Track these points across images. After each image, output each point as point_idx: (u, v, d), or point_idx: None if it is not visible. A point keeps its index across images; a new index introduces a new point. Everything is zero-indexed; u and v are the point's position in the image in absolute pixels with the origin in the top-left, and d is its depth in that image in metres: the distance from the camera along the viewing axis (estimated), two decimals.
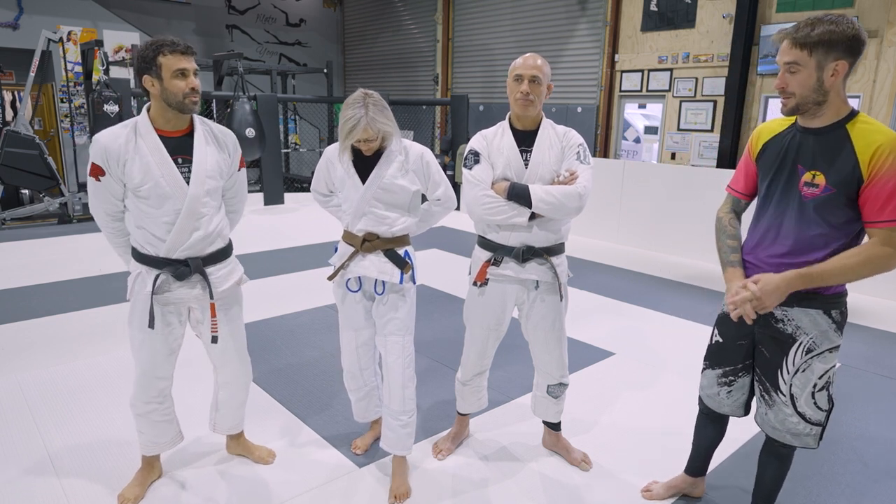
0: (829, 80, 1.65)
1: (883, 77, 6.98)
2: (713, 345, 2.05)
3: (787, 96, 1.71)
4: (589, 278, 5.48)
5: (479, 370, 2.62)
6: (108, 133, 2.09)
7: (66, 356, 3.59)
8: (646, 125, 9.44)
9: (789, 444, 1.92)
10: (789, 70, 1.68)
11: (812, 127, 1.74)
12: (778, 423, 1.89)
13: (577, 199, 2.25)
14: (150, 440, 2.35)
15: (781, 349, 1.83)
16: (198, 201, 2.14)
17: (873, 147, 1.62)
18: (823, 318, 1.78)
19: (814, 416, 1.84)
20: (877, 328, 4.42)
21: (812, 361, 1.80)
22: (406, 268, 2.32)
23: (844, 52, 1.62)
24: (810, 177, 1.72)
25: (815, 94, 1.67)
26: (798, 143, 1.76)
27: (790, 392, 1.84)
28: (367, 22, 13.99)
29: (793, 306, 1.78)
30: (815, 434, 1.87)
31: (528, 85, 2.25)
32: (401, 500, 2.35)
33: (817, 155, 1.71)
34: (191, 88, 2.08)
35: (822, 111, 1.70)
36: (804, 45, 1.64)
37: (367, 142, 2.20)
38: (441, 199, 2.41)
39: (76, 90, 9.76)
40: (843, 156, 1.67)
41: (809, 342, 1.79)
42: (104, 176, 2.09)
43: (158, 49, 2.04)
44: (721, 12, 8.14)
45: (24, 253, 5.97)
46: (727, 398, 2.03)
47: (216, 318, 2.26)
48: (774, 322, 1.83)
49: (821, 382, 1.81)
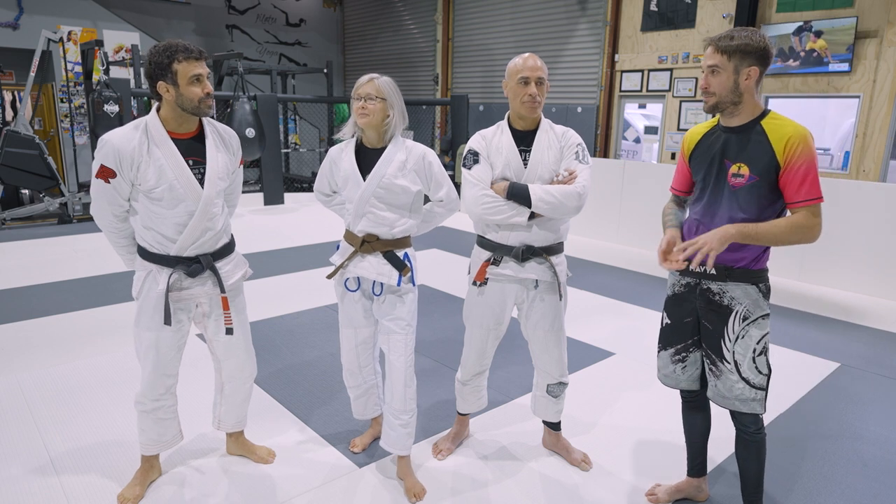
0: (743, 83, 1.92)
1: (883, 77, 6.98)
2: (664, 327, 2.25)
3: (708, 95, 1.97)
4: (589, 278, 5.48)
5: (479, 370, 2.62)
6: (119, 135, 2.08)
7: (66, 356, 3.59)
8: (646, 125, 9.44)
9: (739, 411, 2.07)
10: (712, 72, 1.94)
11: (732, 125, 2.00)
12: (726, 390, 2.07)
13: (576, 199, 2.26)
14: (151, 439, 2.36)
15: (721, 320, 2.05)
16: (211, 202, 2.18)
17: (785, 138, 1.89)
18: (752, 288, 2.02)
19: (756, 380, 2.04)
20: (877, 328, 4.42)
21: (749, 328, 2.02)
22: (404, 270, 2.32)
23: (757, 61, 1.90)
24: (736, 168, 1.98)
25: (731, 95, 1.94)
26: (723, 141, 2.02)
27: (734, 359, 2.04)
28: (367, 22, 13.99)
29: (727, 281, 2.03)
30: (759, 398, 2.05)
31: (535, 87, 2.27)
32: (420, 498, 2.36)
33: (739, 149, 1.97)
34: (206, 93, 2.10)
35: (739, 111, 1.97)
36: (724, 51, 1.91)
37: (368, 99, 2.22)
38: (444, 200, 2.42)
39: (76, 90, 9.77)
40: (760, 148, 1.93)
41: (744, 310, 2.02)
42: (115, 178, 2.08)
43: (173, 55, 2.05)
44: (721, 12, 8.14)
45: (24, 253, 5.97)
46: (682, 374, 2.22)
47: (229, 310, 2.30)
48: (712, 296, 2.07)
49: (759, 347, 2.03)
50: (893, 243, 5.07)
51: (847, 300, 5.07)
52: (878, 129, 7.11)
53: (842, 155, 7.49)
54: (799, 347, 3.98)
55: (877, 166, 7.17)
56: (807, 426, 3.00)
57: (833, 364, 3.74)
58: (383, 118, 2.26)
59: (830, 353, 3.91)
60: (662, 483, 2.47)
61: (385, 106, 2.24)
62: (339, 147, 2.40)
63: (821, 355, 3.87)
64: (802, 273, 5.56)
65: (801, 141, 1.88)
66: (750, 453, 2.12)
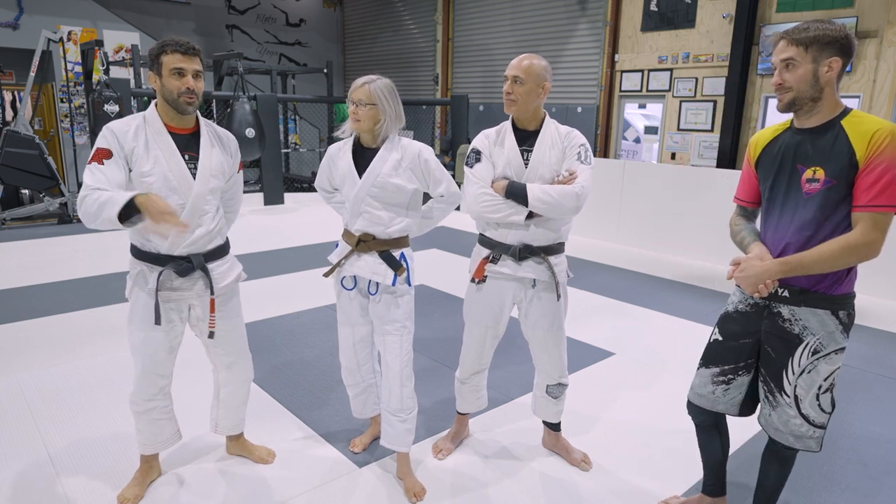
0: (824, 76, 1.70)
1: (883, 77, 6.98)
2: (711, 343, 2.05)
3: (784, 91, 1.75)
4: (589, 278, 5.48)
5: (478, 369, 2.62)
6: (118, 122, 2.12)
7: (66, 356, 3.59)
8: (646, 125, 9.44)
9: (792, 447, 1.90)
10: (786, 66, 1.73)
11: (808, 127, 1.77)
12: (781, 424, 1.88)
13: (574, 199, 2.25)
14: (148, 439, 2.35)
15: (787, 349, 1.83)
16: (202, 198, 2.17)
17: (869, 133, 1.65)
18: (831, 318, 1.78)
19: (817, 419, 1.84)
20: (877, 328, 4.42)
21: (818, 363, 1.80)
22: (400, 270, 2.32)
23: (838, 51, 1.68)
24: (811, 173, 1.74)
25: (811, 90, 1.71)
26: (796, 144, 1.79)
27: (794, 393, 1.83)
28: (367, 22, 13.99)
29: (801, 306, 1.79)
30: (817, 437, 1.86)
31: (509, 85, 2.29)
32: (420, 498, 2.36)
33: (815, 152, 1.74)
34: (186, 88, 2.09)
35: (818, 109, 1.74)
36: (800, 43, 1.69)
37: (360, 105, 2.22)
38: (444, 196, 2.41)
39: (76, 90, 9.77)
40: (838, 147, 1.70)
41: (816, 343, 1.79)
42: (109, 159, 2.05)
43: (163, 47, 2.10)
44: (721, 12, 8.14)
45: (24, 253, 5.97)
46: (723, 395, 2.01)
47: (214, 314, 2.28)
48: (782, 321, 1.83)
49: (825, 384, 1.81)
50: (894, 243, 5.06)
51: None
52: None
53: None
54: None
55: None
56: None
57: None
58: (374, 123, 2.26)
59: None
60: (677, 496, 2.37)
61: (376, 112, 2.23)
62: (337, 145, 2.40)
63: None
64: None
65: (888, 137, 1.63)
66: (779, 466, 1.99)
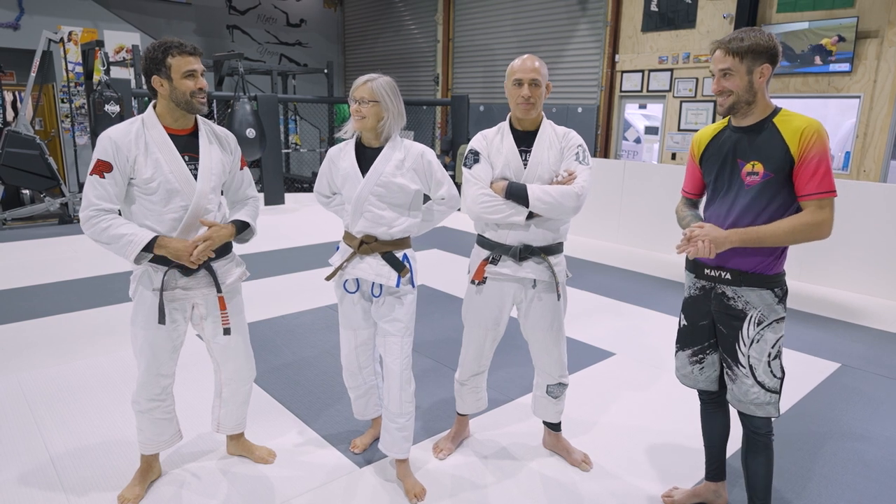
0: (757, 82, 1.93)
1: (883, 77, 6.98)
2: (681, 328, 2.26)
3: (726, 96, 1.96)
4: (589, 278, 5.48)
5: (477, 370, 2.62)
6: (115, 129, 2.10)
7: (66, 356, 3.60)
8: (646, 125, 9.44)
9: (755, 415, 2.06)
10: (724, 75, 1.94)
11: (744, 125, 2.00)
12: (742, 394, 2.07)
13: (574, 199, 2.26)
14: (149, 438, 2.36)
15: (735, 324, 2.05)
16: (205, 197, 2.19)
17: (798, 131, 1.89)
18: (768, 293, 2.01)
19: (771, 384, 2.04)
20: (877, 328, 4.42)
21: (764, 332, 2.01)
22: (403, 271, 2.32)
23: (768, 59, 1.91)
24: (750, 167, 1.97)
25: (747, 94, 1.94)
26: (735, 141, 2.02)
27: (749, 363, 2.04)
28: (367, 22, 13.99)
29: (741, 286, 2.02)
30: (774, 402, 2.05)
31: (528, 89, 2.27)
32: (420, 498, 2.36)
33: (753, 147, 1.97)
34: (199, 88, 2.12)
35: (752, 110, 1.97)
36: (736, 53, 1.91)
37: (362, 103, 2.23)
38: (445, 198, 2.41)
39: (77, 90, 9.78)
40: (774, 144, 1.93)
41: (759, 315, 2.01)
42: (110, 172, 2.07)
43: (167, 50, 2.08)
44: (721, 12, 8.13)
45: (25, 253, 5.97)
46: (700, 374, 2.22)
47: (226, 310, 2.29)
48: (727, 300, 2.06)
49: (773, 351, 2.03)
50: (894, 243, 5.06)
51: (847, 300, 5.07)
52: (878, 129, 7.10)
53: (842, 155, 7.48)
54: (799, 348, 3.98)
55: (877, 166, 7.17)
56: (807, 426, 2.99)
57: (833, 364, 3.74)
58: (377, 121, 2.26)
59: (831, 354, 3.90)
60: (680, 486, 2.44)
61: (379, 109, 2.24)
62: (338, 147, 2.41)
63: (821, 355, 3.87)
64: (802, 273, 5.56)
65: (814, 133, 1.87)
66: (760, 456, 2.10)
